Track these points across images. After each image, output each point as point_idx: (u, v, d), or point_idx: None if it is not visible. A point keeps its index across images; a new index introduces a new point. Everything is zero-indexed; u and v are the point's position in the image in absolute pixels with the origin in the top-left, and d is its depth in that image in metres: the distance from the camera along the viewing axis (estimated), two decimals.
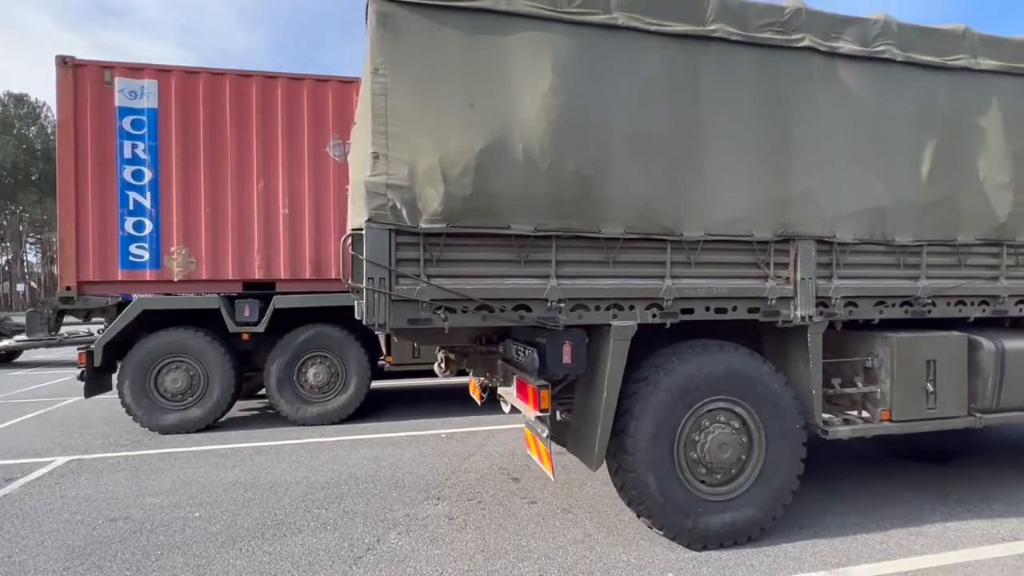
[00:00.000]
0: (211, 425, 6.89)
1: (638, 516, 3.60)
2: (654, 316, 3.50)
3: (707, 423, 3.59)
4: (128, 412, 6.69)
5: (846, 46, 3.76)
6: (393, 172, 3.01)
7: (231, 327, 6.87)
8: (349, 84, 7.27)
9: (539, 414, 3.29)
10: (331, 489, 4.76)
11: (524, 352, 3.51)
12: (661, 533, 3.56)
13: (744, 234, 3.59)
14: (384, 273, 3.02)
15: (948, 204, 4.01)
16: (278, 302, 6.97)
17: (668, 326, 3.55)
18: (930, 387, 3.97)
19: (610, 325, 3.39)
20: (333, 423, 7.11)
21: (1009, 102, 4.13)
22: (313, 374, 7.12)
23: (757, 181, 3.60)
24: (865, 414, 4.05)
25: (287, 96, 7.08)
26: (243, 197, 7.00)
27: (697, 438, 3.57)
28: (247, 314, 6.91)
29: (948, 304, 4.12)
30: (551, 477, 3.35)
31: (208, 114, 6.90)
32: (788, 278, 3.73)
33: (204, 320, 6.94)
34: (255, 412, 8.01)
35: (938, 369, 3.99)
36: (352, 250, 3.05)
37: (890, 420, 3.93)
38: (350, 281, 3.06)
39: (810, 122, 3.70)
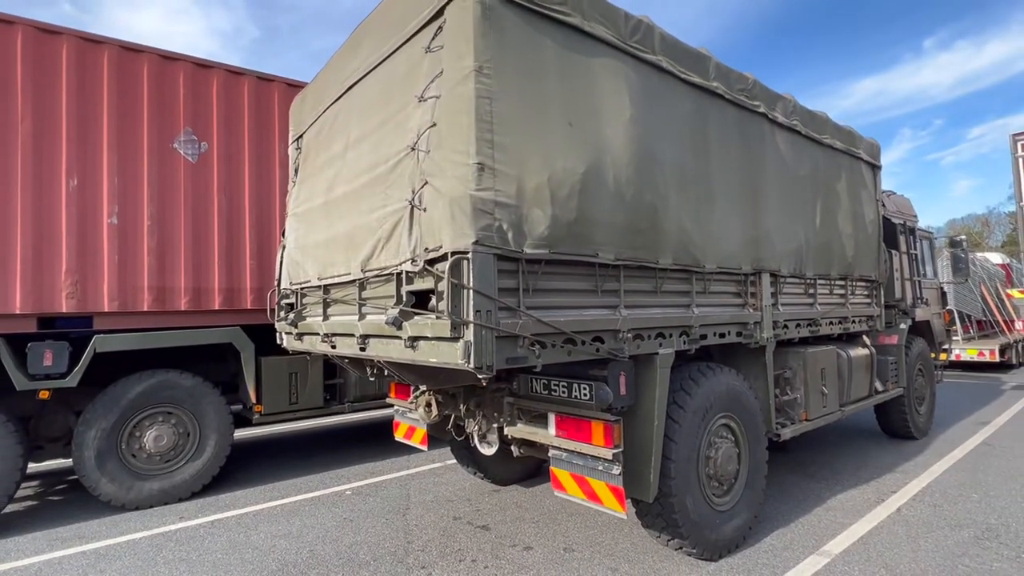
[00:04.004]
0: None
1: (672, 539, 3.69)
2: (684, 343, 3.70)
3: (716, 440, 3.92)
4: None
5: (779, 116, 4.63)
6: (501, 188, 2.60)
7: (20, 383, 4.74)
8: (207, 70, 5.85)
9: (615, 451, 3.15)
10: None
11: (580, 387, 3.31)
12: (694, 552, 3.71)
13: (736, 268, 4.08)
14: (491, 305, 2.56)
15: (827, 247, 5.21)
16: (101, 343, 5.10)
17: (693, 351, 3.78)
18: (824, 390, 5.04)
19: (657, 353, 3.46)
20: (182, 499, 5.44)
21: (848, 173, 5.60)
22: (153, 438, 5.35)
23: (742, 221, 4.15)
24: (787, 418, 4.90)
25: (118, 70, 5.34)
26: (43, 198, 4.97)
27: (711, 454, 3.86)
28: (48, 362, 4.87)
29: (827, 324, 5.31)
30: (623, 516, 3.22)
31: None
32: (756, 306, 4.34)
33: None
34: (31, 501, 5.60)
35: (826, 375, 5.10)
36: (452, 276, 2.50)
37: (807, 420, 4.86)
38: (451, 315, 2.49)
39: (765, 174, 4.44)
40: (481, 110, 2.57)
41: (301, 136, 4.60)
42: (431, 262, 2.68)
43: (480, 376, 2.55)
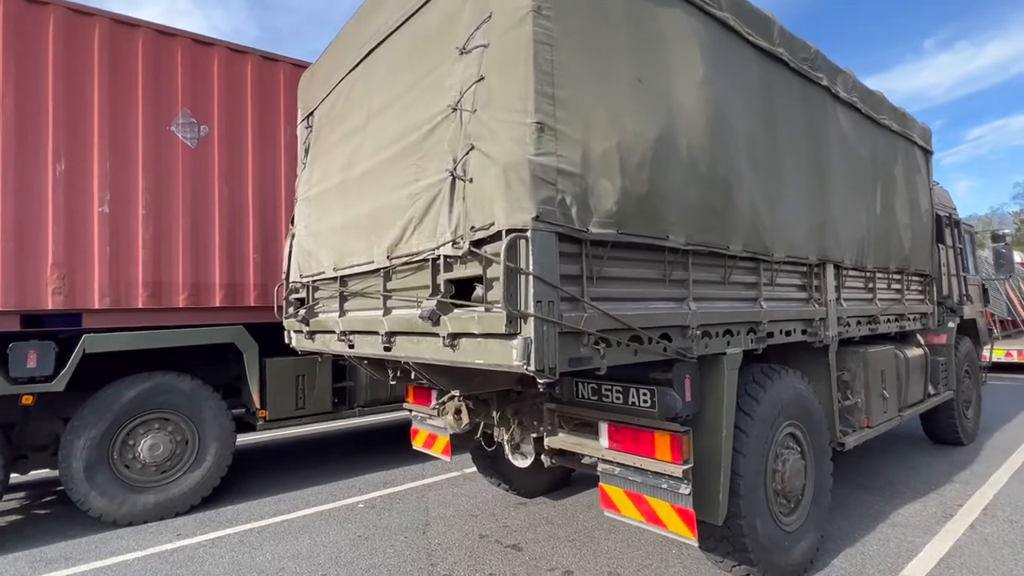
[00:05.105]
0: None
1: (738, 564, 3.24)
2: (752, 342, 3.25)
3: (783, 451, 3.47)
4: None
5: (841, 92, 4.18)
6: (564, 153, 2.15)
7: (1, 387, 4.29)
8: (207, 47, 5.40)
9: (684, 467, 2.69)
10: None
11: (640, 393, 2.86)
12: None
13: (803, 257, 3.63)
14: (553, 295, 2.11)
15: (886, 237, 4.76)
16: (91, 343, 4.64)
17: (760, 351, 3.33)
18: (885, 393, 4.59)
19: (725, 353, 3.01)
20: (179, 514, 4.97)
21: (904, 158, 5.16)
22: (148, 447, 4.89)
23: (808, 205, 3.70)
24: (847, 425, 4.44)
25: (110, 46, 4.89)
26: (27, 183, 4.52)
27: (777, 468, 3.41)
28: (32, 364, 4.42)
29: (885, 321, 4.86)
30: (694, 542, 2.76)
31: None
32: (821, 300, 3.89)
33: None
34: (13, 516, 5.13)
35: (886, 378, 4.65)
36: (507, 260, 2.05)
37: (869, 426, 4.41)
38: (506, 306, 2.04)
39: (829, 154, 3.99)
40: (540, 58, 2.12)
41: (311, 113, 4.15)
42: (477, 243, 2.24)
43: (541, 381, 2.10)
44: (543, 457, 3.87)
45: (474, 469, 5.80)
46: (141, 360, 5.04)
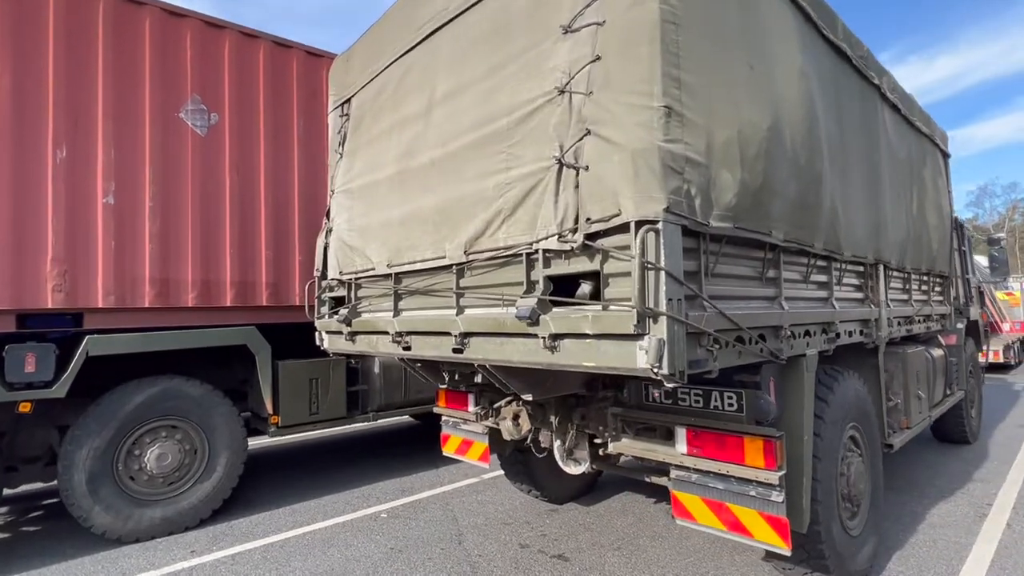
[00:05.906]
0: None
1: (810, 572, 3.15)
2: (825, 343, 3.17)
3: (847, 454, 3.40)
4: None
5: (887, 92, 4.17)
6: (690, 141, 2.01)
7: None
8: (218, 30, 5.07)
9: (779, 473, 2.58)
10: None
11: (724, 396, 2.74)
12: None
13: (863, 256, 3.58)
14: (680, 292, 1.96)
15: (919, 238, 4.78)
16: (95, 345, 4.28)
17: (831, 352, 3.25)
18: (921, 394, 4.60)
19: (805, 355, 2.92)
20: (189, 528, 4.63)
21: (931, 160, 5.21)
22: (156, 457, 4.54)
23: (867, 204, 3.66)
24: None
25: (115, 24, 4.53)
26: (25, 171, 4.13)
27: (843, 471, 3.34)
28: (31, 368, 4.03)
29: (918, 322, 4.88)
30: (786, 551, 2.65)
31: None
32: (875, 301, 3.85)
33: None
34: (3, 534, 4.69)
35: (920, 378, 4.67)
36: (643, 255, 1.88)
37: (908, 427, 4.41)
38: (638, 304, 1.87)
39: (879, 154, 3.96)
40: (667, 38, 1.97)
41: (348, 101, 3.90)
42: (591, 236, 2.07)
43: (669, 385, 1.95)
44: (584, 463, 3.73)
45: (493, 475, 5.65)
46: (141, 363, 4.68)
